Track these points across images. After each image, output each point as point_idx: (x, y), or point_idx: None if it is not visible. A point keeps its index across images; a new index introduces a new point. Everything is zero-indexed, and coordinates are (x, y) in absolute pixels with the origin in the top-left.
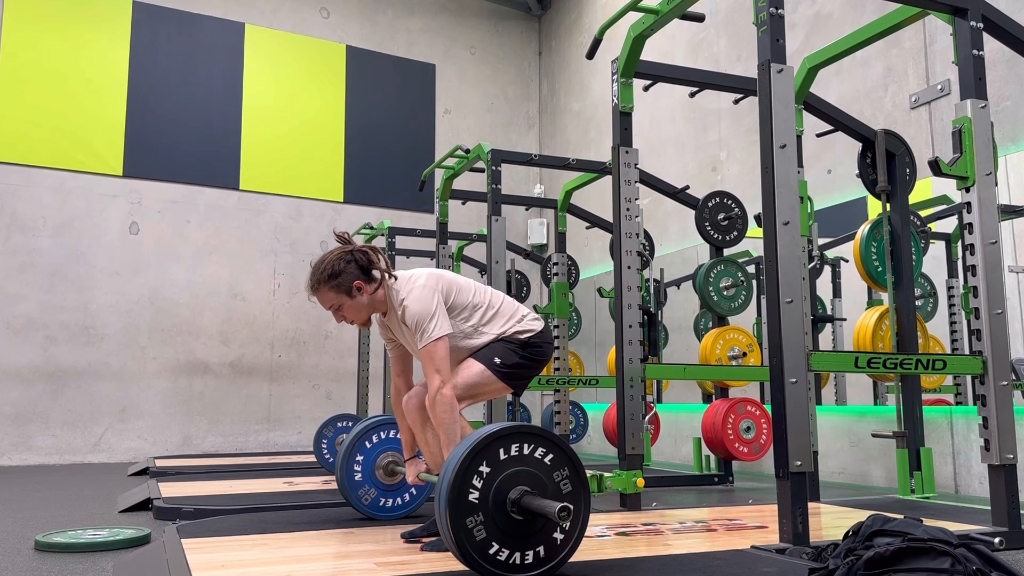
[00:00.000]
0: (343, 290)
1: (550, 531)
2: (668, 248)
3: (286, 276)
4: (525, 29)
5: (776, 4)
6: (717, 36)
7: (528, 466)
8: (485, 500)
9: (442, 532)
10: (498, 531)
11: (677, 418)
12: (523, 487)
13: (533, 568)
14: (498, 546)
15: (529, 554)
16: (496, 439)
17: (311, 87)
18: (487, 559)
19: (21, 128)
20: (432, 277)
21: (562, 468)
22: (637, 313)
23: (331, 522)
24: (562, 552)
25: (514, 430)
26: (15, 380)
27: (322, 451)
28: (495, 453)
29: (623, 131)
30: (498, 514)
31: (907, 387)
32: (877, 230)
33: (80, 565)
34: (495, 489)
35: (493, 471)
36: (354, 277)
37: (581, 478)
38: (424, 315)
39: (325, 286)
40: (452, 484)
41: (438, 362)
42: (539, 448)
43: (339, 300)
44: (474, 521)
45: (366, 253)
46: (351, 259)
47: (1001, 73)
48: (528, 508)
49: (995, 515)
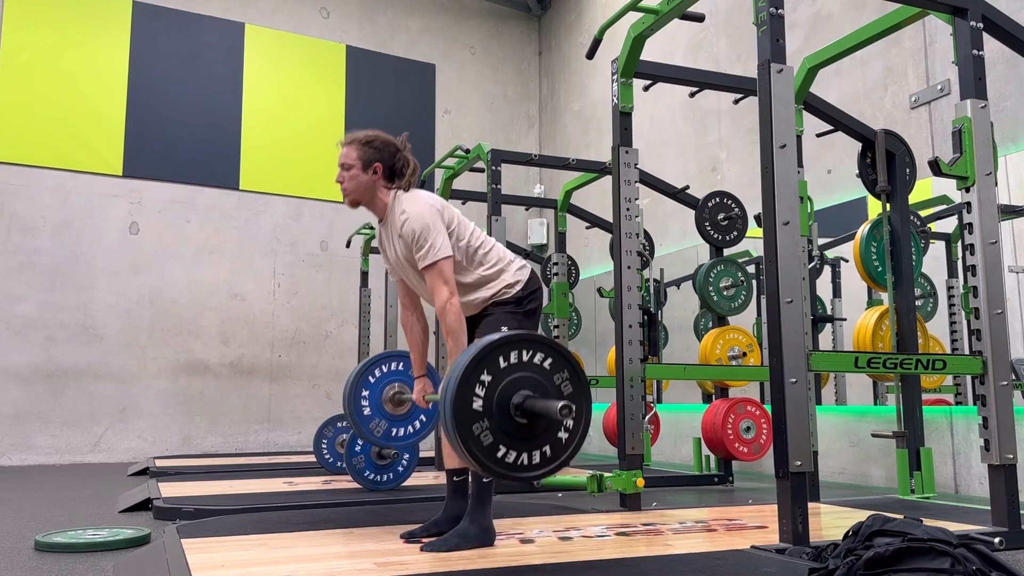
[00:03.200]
0: (364, 159)
1: (554, 431)
2: (668, 248)
3: (286, 276)
4: (525, 29)
5: (776, 4)
6: (717, 36)
7: (529, 371)
8: (489, 407)
9: (450, 440)
10: (504, 435)
11: (677, 418)
12: (525, 391)
13: (541, 467)
14: (505, 449)
15: (536, 454)
16: (495, 348)
17: (311, 87)
18: (496, 462)
19: (21, 128)
20: (437, 201)
21: (561, 371)
22: (637, 313)
23: (331, 522)
24: (568, 450)
25: (512, 338)
26: (15, 380)
27: (322, 451)
28: (495, 362)
29: (623, 131)
30: (503, 419)
31: (907, 387)
32: (877, 230)
33: (80, 565)
34: (498, 395)
35: (495, 379)
36: (381, 160)
37: (581, 379)
38: (425, 231)
39: (356, 144)
40: (455, 394)
41: (445, 275)
42: (538, 354)
43: (354, 164)
44: (480, 427)
45: (408, 163)
46: (394, 151)
47: (1001, 73)
48: (531, 410)
49: (995, 515)
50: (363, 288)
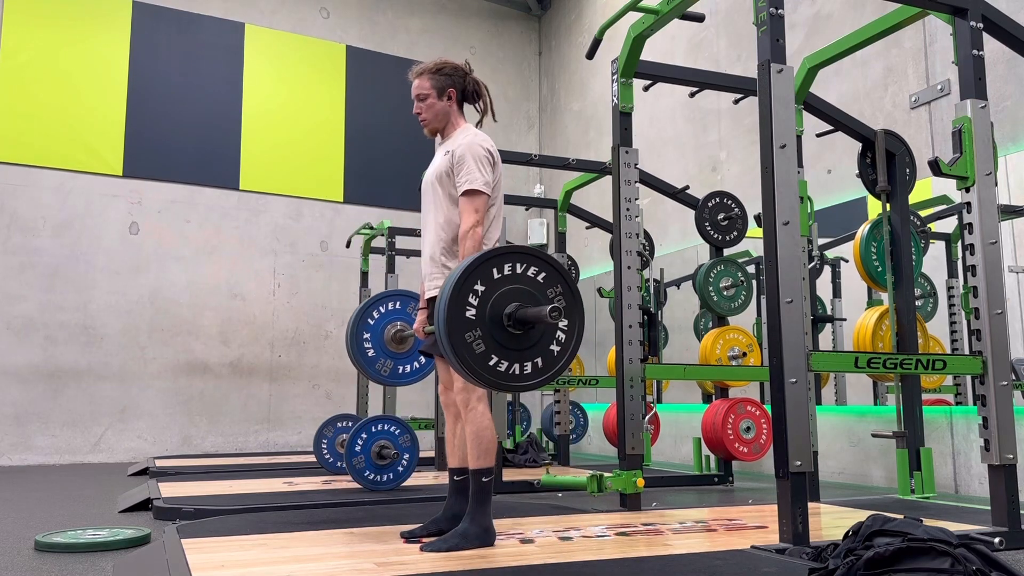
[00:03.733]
0: (438, 87)
1: (546, 343)
2: (668, 248)
3: (286, 276)
4: (525, 29)
5: (776, 4)
6: (717, 36)
7: (522, 284)
8: (482, 316)
9: (442, 347)
10: (496, 344)
11: (677, 418)
12: (517, 302)
13: (532, 378)
14: (497, 358)
15: (528, 365)
16: (488, 259)
17: (311, 87)
18: (488, 371)
19: (21, 128)
20: (498, 155)
21: (555, 285)
22: (637, 313)
23: (331, 522)
24: (559, 362)
25: (506, 251)
26: (15, 380)
27: (322, 451)
28: (488, 273)
29: (623, 131)
30: (495, 328)
31: (907, 387)
32: (877, 230)
33: (80, 565)
34: (491, 305)
35: (488, 289)
36: (454, 85)
37: (574, 293)
38: (479, 161)
39: (428, 74)
40: (449, 302)
41: (478, 208)
42: (531, 267)
43: (429, 93)
44: (473, 336)
45: (479, 84)
46: (463, 76)
47: (1001, 73)
48: (523, 319)
49: (995, 515)
50: (363, 288)
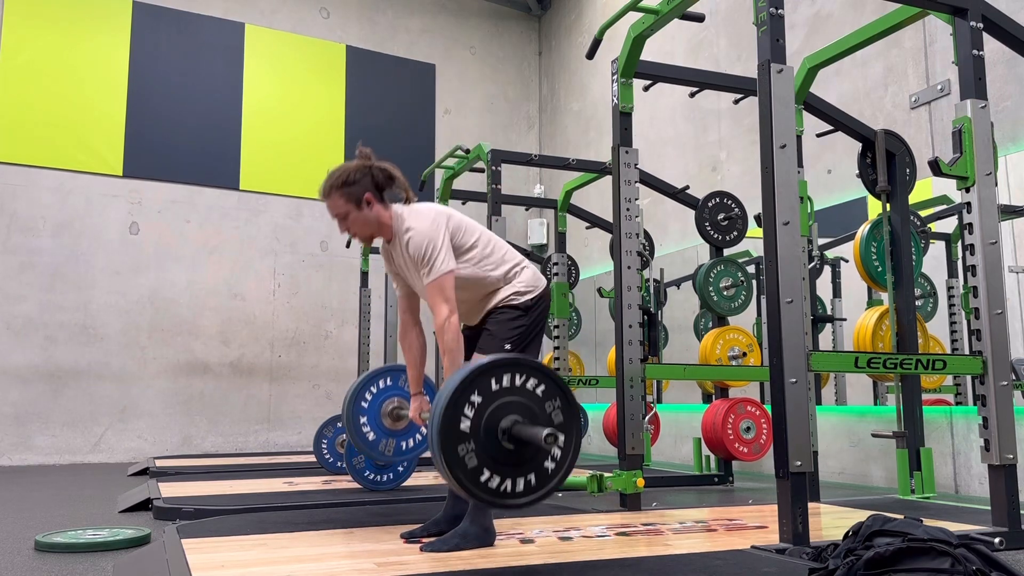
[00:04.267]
0: (353, 199)
1: (541, 460)
2: (668, 248)
3: (286, 276)
4: (525, 29)
5: (776, 4)
6: (717, 36)
7: (520, 397)
8: (477, 428)
9: (434, 460)
10: (489, 459)
11: (677, 418)
12: (514, 416)
13: (523, 495)
14: (489, 473)
15: (520, 481)
16: (488, 370)
17: (311, 87)
18: (479, 486)
19: (21, 128)
20: (441, 214)
21: (553, 399)
22: (637, 313)
23: (331, 522)
24: (552, 480)
25: (506, 362)
26: (15, 380)
27: (322, 451)
28: (487, 383)
29: (623, 131)
30: (489, 442)
31: (907, 387)
32: (877, 230)
33: (80, 565)
34: (487, 418)
35: (485, 400)
36: (366, 189)
37: (572, 408)
38: (429, 247)
39: (336, 192)
40: (444, 412)
41: (446, 292)
42: (531, 379)
43: (347, 209)
44: (465, 449)
45: (385, 171)
46: (368, 172)
47: (1001, 73)
48: (518, 436)
49: (995, 515)
50: (363, 288)
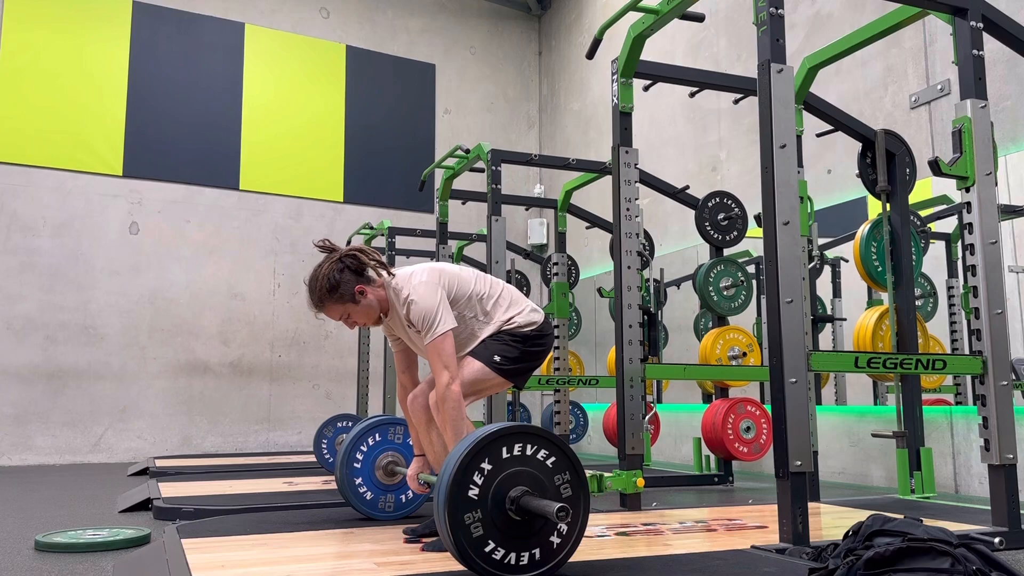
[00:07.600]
0: (347, 299)
1: (547, 534)
2: (668, 248)
3: (286, 276)
4: (525, 29)
5: (776, 4)
6: (717, 36)
7: (530, 467)
8: (484, 497)
9: (439, 526)
10: (495, 530)
11: (677, 418)
12: (523, 487)
13: (528, 570)
14: (494, 544)
15: (525, 555)
16: (499, 437)
17: (311, 87)
18: (482, 557)
19: (21, 128)
20: (434, 272)
21: (563, 472)
22: (637, 313)
23: (331, 522)
24: (558, 556)
25: (518, 430)
26: (15, 380)
27: (322, 451)
28: (497, 451)
29: (623, 131)
30: (496, 512)
31: (907, 387)
32: (877, 230)
33: (80, 565)
34: (495, 487)
35: (495, 469)
36: (353, 283)
37: (582, 482)
38: (429, 311)
39: (328, 300)
40: (452, 479)
41: (446, 358)
42: (542, 450)
43: (346, 309)
44: (472, 518)
45: (355, 256)
46: (343, 267)
47: (1001, 73)
48: (527, 508)
49: (995, 515)
50: None
